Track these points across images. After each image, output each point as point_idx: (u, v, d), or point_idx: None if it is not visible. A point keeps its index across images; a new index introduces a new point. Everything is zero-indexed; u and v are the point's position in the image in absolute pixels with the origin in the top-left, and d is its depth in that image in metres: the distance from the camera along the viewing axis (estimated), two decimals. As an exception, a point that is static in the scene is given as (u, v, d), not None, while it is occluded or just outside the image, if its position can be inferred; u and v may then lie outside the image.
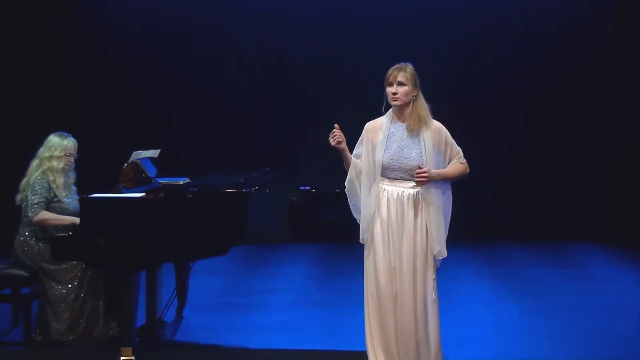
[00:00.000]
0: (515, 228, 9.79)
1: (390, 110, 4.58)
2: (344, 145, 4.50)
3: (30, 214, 5.43)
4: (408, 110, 4.51)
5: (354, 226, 4.63)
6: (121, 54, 9.85)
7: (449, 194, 4.61)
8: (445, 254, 4.53)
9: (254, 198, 5.15)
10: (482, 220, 9.76)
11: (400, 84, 4.47)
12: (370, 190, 4.52)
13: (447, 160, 4.58)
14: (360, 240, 4.59)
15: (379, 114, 4.64)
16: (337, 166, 4.67)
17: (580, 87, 9.79)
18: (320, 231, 5.31)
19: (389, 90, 4.50)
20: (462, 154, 4.62)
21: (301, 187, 5.26)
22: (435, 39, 9.64)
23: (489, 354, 5.45)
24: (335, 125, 4.47)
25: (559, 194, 9.82)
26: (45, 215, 5.43)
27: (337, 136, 4.44)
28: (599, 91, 9.76)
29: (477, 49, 9.78)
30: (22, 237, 5.55)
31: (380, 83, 4.59)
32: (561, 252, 9.00)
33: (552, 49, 9.81)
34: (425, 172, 4.42)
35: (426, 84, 4.61)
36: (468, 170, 4.63)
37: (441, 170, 4.53)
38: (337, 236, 5.50)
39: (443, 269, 4.69)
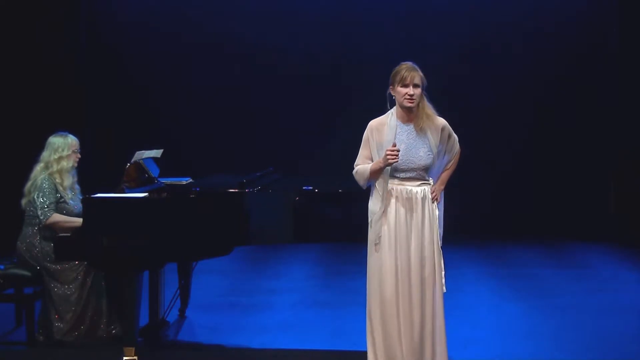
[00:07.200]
0: (519, 228, 9.77)
1: (394, 109, 4.56)
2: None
3: (42, 217, 5.42)
4: (416, 110, 4.51)
5: (356, 226, 4.63)
6: (123, 54, 9.85)
7: None
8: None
9: (257, 198, 5.15)
10: (486, 221, 9.74)
11: (416, 85, 4.48)
12: (379, 190, 4.51)
13: (450, 153, 4.64)
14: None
15: (379, 113, 4.61)
16: (339, 166, 4.65)
17: (584, 86, 9.77)
18: (322, 231, 5.30)
19: (404, 91, 4.46)
20: (457, 144, 4.67)
21: (304, 187, 5.26)
22: (437, 39, 9.62)
23: (493, 354, 5.44)
24: (395, 144, 4.42)
25: (563, 194, 9.81)
26: (57, 218, 5.42)
27: (395, 157, 4.41)
28: (604, 90, 9.73)
29: (479, 48, 9.76)
30: (25, 237, 5.55)
31: (377, 83, 4.56)
32: (566, 252, 8.97)
33: (555, 48, 9.79)
34: (435, 192, 4.56)
35: (429, 84, 4.60)
36: (459, 156, 4.71)
37: (442, 179, 4.66)
38: (339, 236, 5.49)
39: (446, 269, 4.67)
